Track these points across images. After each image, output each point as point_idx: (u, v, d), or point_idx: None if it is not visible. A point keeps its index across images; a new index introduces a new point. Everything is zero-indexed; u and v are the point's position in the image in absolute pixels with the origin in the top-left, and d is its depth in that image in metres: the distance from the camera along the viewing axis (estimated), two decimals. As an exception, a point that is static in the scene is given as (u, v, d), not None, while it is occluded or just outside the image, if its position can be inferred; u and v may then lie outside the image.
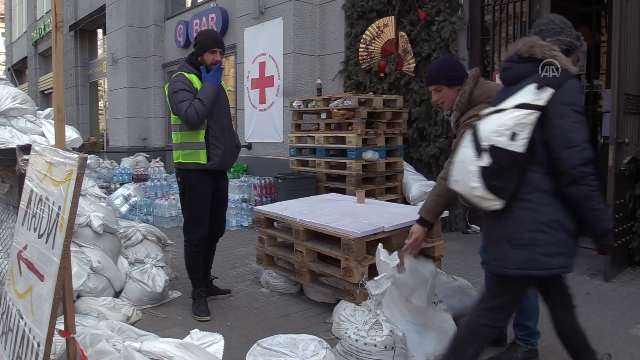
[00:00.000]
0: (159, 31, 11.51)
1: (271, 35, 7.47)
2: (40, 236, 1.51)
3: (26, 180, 1.76)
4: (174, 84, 3.36)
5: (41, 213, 1.54)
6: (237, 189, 6.68)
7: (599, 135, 6.75)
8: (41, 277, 1.43)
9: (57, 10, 1.49)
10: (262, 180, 6.67)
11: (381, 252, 2.69)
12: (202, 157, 3.41)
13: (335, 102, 5.93)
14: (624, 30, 4.02)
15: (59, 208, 1.41)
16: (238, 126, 8.57)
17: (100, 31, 15.31)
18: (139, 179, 8.28)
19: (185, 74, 3.41)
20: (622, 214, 4.27)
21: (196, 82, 3.39)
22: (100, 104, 16.39)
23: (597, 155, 6.34)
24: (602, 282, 4.12)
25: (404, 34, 6.23)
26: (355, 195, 4.47)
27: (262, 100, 7.74)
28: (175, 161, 3.55)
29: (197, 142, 3.41)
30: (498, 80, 5.72)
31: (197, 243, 3.55)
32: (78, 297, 3.21)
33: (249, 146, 8.07)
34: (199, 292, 3.56)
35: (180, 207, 3.71)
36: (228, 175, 4.23)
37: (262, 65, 7.73)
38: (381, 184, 5.95)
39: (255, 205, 6.54)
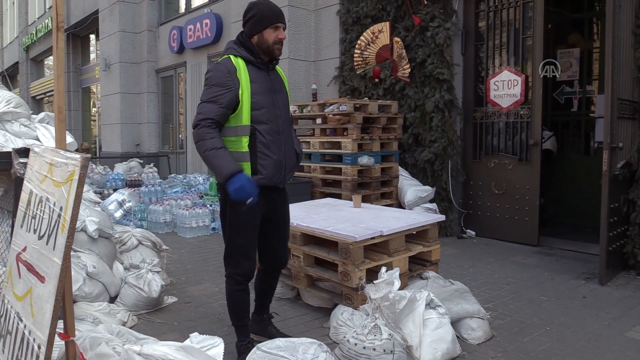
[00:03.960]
0: (153, 37, 11.50)
1: (266, 40, 7.47)
2: (40, 237, 1.50)
3: (25, 182, 1.74)
4: (214, 73, 2.60)
5: (41, 214, 1.52)
6: (231, 194, 6.65)
7: (592, 140, 6.81)
8: (41, 279, 1.42)
9: (59, 11, 1.48)
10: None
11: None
12: (246, 171, 2.58)
13: (331, 107, 5.94)
14: (617, 37, 4.06)
15: (61, 209, 1.39)
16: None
17: (92, 36, 15.28)
18: (133, 184, 8.24)
19: (232, 57, 2.62)
20: (617, 218, 4.30)
21: (242, 69, 2.59)
22: (93, 109, 16.34)
23: (590, 160, 6.44)
24: (597, 285, 4.13)
25: (398, 39, 6.26)
26: (351, 200, 4.47)
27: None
28: None
29: (239, 152, 2.60)
30: (492, 86, 5.73)
31: (241, 280, 2.76)
32: (73, 302, 3.17)
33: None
34: (245, 344, 2.77)
35: (222, 230, 2.84)
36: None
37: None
38: (377, 189, 5.95)
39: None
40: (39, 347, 1.37)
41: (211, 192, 7.47)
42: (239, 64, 2.61)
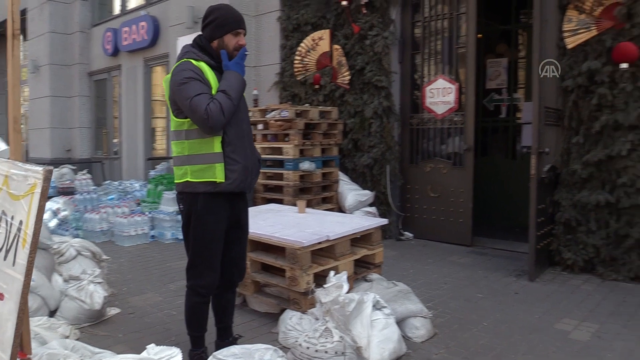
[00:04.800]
0: (85, 38, 11.09)
1: (205, 45, 7.41)
2: None
3: None
4: (181, 73, 2.48)
5: None
6: (172, 201, 6.55)
7: (518, 145, 7.24)
8: (0, 297, 1.38)
9: (14, 18, 1.46)
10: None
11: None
12: (218, 174, 2.54)
13: (272, 113, 5.99)
14: (543, 49, 4.36)
15: (20, 223, 1.35)
16: (170, 137, 8.41)
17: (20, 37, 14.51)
18: (66, 192, 7.91)
19: (193, 61, 2.53)
20: (544, 218, 4.60)
21: (208, 72, 2.54)
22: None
23: (517, 164, 6.84)
24: (527, 282, 4.41)
25: (338, 47, 6.40)
26: (294, 206, 4.53)
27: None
28: (178, 181, 2.65)
29: (212, 154, 2.54)
30: (428, 93, 5.97)
31: (204, 292, 2.70)
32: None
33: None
34: (199, 354, 2.79)
35: (184, 242, 2.76)
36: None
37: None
38: (318, 194, 6.05)
39: (192, 217, 6.44)
40: (-1, 366, 1.34)
41: (149, 199, 7.31)
42: (202, 67, 2.54)
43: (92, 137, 11.47)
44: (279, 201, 5.74)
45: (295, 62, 6.77)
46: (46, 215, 6.01)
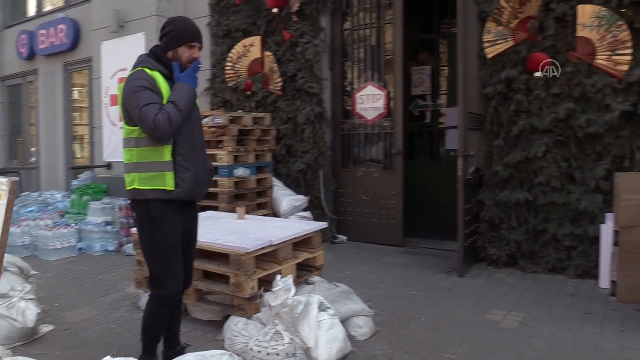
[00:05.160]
0: (-4, 41, 10.43)
1: (132, 49, 7.20)
2: None
3: None
4: (134, 82, 2.53)
5: None
6: (99, 211, 6.32)
7: (442, 148, 7.62)
8: None
9: None
10: (128, 202, 6.39)
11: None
12: (168, 182, 2.57)
13: (206, 119, 5.93)
14: (466, 59, 4.65)
15: None
16: (96, 144, 8.11)
17: None
18: (-22, 204, 7.41)
19: (148, 70, 2.59)
20: (470, 217, 4.89)
21: (161, 82, 2.60)
22: None
23: (441, 166, 7.19)
24: (457, 278, 4.67)
25: (269, 53, 6.46)
26: (231, 212, 4.53)
27: (123, 117, 7.41)
28: (127, 188, 2.67)
29: (161, 162, 2.58)
30: (358, 99, 6.15)
31: (166, 301, 2.69)
32: None
33: (109, 165, 7.67)
34: None
35: (142, 252, 2.77)
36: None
37: (122, 81, 7.41)
38: (253, 200, 6.05)
39: (121, 228, 6.26)
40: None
41: (73, 210, 7.01)
42: (156, 76, 2.59)
43: (4, 146, 10.79)
44: (214, 208, 5.69)
45: (227, 68, 6.76)
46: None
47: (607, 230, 4.25)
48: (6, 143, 10.80)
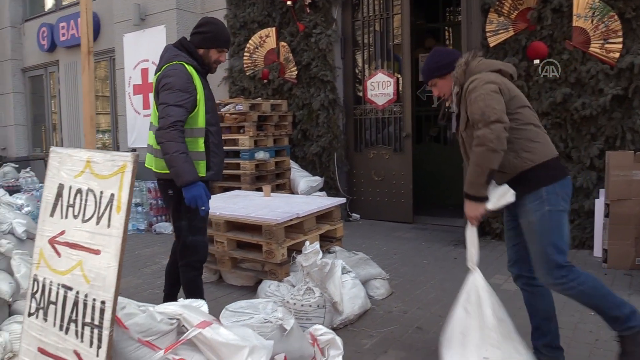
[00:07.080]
0: (17, 33, 10.85)
1: (154, 42, 7.63)
2: (85, 220, 1.81)
3: (49, 178, 2.03)
4: (175, 78, 2.72)
5: (83, 202, 1.84)
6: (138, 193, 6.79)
7: (449, 132, 7.99)
8: (95, 252, 1.74)
9: (89, 37, 1.81)
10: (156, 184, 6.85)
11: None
12: (201, 170, 2.83)
13: (227, 107, 6.36)
14: (470, 48, 5.04)
15: (112, 195, 1.72)
16: (120, 132, 8.56)
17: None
18: (11, 190, 7.88)
19: (186, 65, 2.81)
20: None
21: (195, 76, 2.82)
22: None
23: (448, 148, 7.56)
24: (463, 249, 5.06)
25: (285, 43, 6.86)
26: (261, 191, 4.97)
27: (146, 105, 7.85)
28: (159, 171, 2.89)
29: (196, 152, 2.82)
30: (369, 86, 6.48)
31: (199, 265, 3.01)
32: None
33: (134, 151, 8.12)
34: None
35: (174, 227, 3.02)
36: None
37: (144, 72, 7.84)
38: (272, 181, 6.50)
39: (150, 208, 6.73)
40: (103, 303, 1.71)
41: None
42: (192, 71, 2.83)
43: (28, 135, 11.26)
44: (237, 189, 6.14)
45: (245, 57, 7.17)
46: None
47: (600, 205, 4.66)
48: (29, 132, 11.27)
